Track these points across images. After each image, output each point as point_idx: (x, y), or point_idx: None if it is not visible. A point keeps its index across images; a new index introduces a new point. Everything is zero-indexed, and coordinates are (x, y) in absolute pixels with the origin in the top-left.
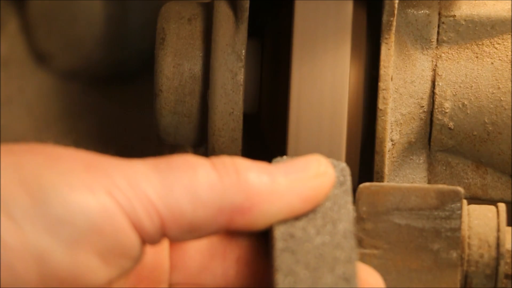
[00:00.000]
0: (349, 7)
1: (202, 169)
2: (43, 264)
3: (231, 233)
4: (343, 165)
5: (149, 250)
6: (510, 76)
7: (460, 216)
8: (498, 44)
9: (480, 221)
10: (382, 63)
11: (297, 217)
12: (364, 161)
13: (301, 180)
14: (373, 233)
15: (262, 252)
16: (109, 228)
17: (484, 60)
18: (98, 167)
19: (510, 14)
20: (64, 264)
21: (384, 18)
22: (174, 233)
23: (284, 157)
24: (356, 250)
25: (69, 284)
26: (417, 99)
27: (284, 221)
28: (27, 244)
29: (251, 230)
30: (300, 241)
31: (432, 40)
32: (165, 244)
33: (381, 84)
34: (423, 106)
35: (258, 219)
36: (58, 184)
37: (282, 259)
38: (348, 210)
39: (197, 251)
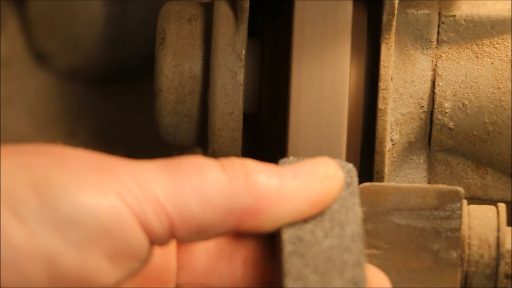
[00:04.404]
0: (349, 7)
1: (212, 171)
2: (53, 265)
3: (238, 234)
4: (350, 166)
5: (157, 250)
6: (510, 76)
7: (460, 216)
8: (498, 44)
9: (480, 221)
10: (382, 63)
11: (305, 220)
12: (364, 161)
13: (310, 183)
14: (373, 233)
15: (269, 253)
16: (119, 230)
17: (484, 60)
18: (107, 168)
19: (510, 14)
20: (74, 265)
21: (384, 18)
22: (183, 234)
23: (291, 157)
24: (365, 253)
25: (78, 284)
26: (417, 99)
27: (292, 223)
28: (36, 245)
29: (260, 232)
30: (308, 244)
31: (432, 40)
32: (172, 245)
33: (381, 84)
34: (423, 106)
35: (267, 222)
36: (67, 185)
37: (291, 263)
38: (355, 212)
39: (204, 252)
